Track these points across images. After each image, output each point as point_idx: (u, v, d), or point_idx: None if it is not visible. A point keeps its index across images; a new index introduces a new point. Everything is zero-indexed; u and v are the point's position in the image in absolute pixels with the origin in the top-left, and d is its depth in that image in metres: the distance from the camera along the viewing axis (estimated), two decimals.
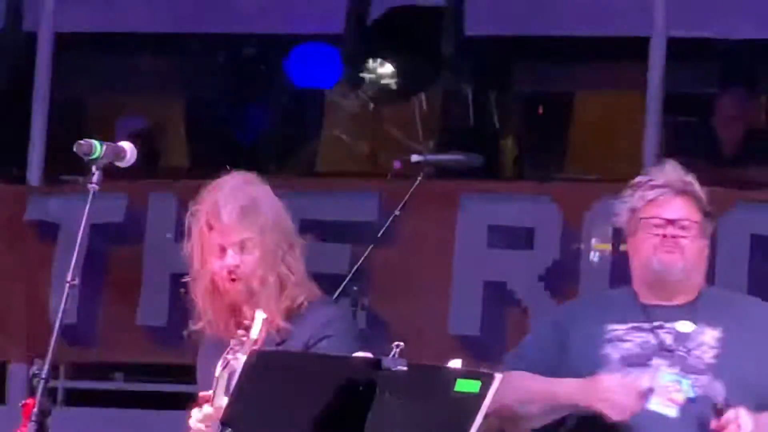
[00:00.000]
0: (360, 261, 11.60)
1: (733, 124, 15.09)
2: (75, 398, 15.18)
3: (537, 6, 17.07)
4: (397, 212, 11.65)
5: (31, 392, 7.77)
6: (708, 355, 7.90)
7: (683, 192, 8.09)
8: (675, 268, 7.90)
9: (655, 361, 7.92)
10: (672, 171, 8.18)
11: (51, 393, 7.85)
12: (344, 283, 11.31)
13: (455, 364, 7.05)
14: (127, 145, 7.82)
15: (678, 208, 8.08)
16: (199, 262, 8.09)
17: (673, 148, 14.90)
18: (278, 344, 7.77)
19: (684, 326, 7.95)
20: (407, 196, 11.56)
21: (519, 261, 15.07)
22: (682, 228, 7.97)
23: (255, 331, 7.21)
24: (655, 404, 7.87)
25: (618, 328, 7.98)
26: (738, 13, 16.91)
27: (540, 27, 16.86)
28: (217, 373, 7.27)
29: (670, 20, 16.28)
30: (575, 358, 7.97)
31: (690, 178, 8.22)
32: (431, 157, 13.46)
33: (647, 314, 8.02)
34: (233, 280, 7.95)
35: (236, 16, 17.08)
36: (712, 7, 16.89)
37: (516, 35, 16.20)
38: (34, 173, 15.47)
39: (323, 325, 7.80)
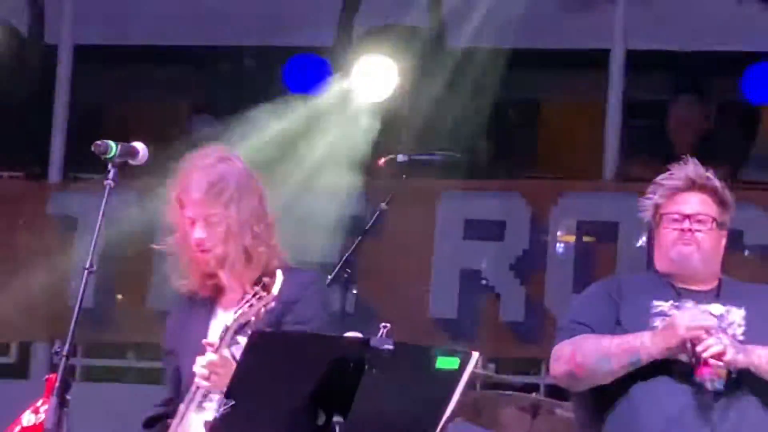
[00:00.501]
0: (350, 250, 11.72)
1: (685, 129, 14.97)
2: (92, 374, 15.34)
3: (510, 23, 16.00)
4: (383, 206, 11.91)
5: (53, 369, 7.84)
6: (738, 332, 7.93)
7: (701, 188, 8.11)
8: (692, 259, 7.93)
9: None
10: (691, 168, 8.18)
11: (70, 369, 7.93)
12: (336, 270, 11.52)
13: (452, 356, 7.42)
14: (139, 146, 7.94)
15: (695, 204, 8.08)
16: (176, 232, 8.25)
17: (631, 150, 15.03)
18: (264, 306, 7.73)
19: (716, 309, 7.95)
20: (392, 192, 12.02)
21: (491, 251, 15.17)
22: (699, 222, 7.99)
23: (276, 288, 7.51)
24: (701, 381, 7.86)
25: (662, 305, 7.98)
26: (688, 28, 16.67)
27: (512, 41, 16.10)
28: (228, 322, 7.57)
29: (628, 35, 16.25)
30: (626, 329, 7.96)
31: (708, 174, 8.24)
32: (414, 157, 13.78)
33: (682, 296, 8.02)
34: (202, 251, 8.07)
35: (236, 30, 16.71)
36: (666, 22, 16.41)
37: (491, 48, 15.60)
38: (54, 171, 15.48)
39: (297, 287, 7.86)
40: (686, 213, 7.98)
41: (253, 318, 7.59)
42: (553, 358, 8.16)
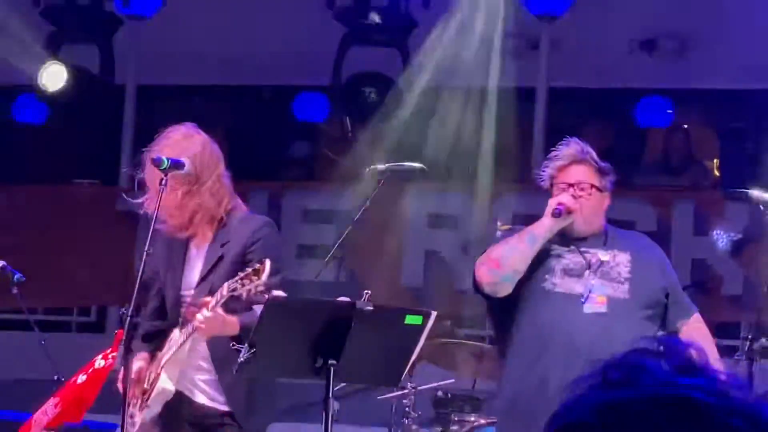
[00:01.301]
0: (342, 236, 11.50)
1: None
2: None
3: (459, 62, 15.80)
4: (367, 203, 11.54)
5: (121, 326, 8.35)
6: (624, 271, 8.02)
7: (581, 161, 8.16)
8: (578, 218, 7.96)
9: (587, 274, 8.01)
10: (572, 147, 8.24)
11: (133, 326, 8.14)
12: (331, 251, 11.56)
13: (415, 317, 7.95)
14: (185, 160, 8.13)
15: (577, 174, 8.12)
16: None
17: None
18: (222, 245, 8.26)
19: (604, 255, 8.05)
20: (374, 193, 11.63)
21: (448, 237, 14.97)
22: (581, 189, 8.00)
23: (264, 277, 7.57)
24: (592, 303, 7.96)
25: (558, 248, 8.04)
26: (593, 71, 16.68)
27: (457, 80, 15.93)
28: (224, 291, 7.69)
29: (550, 75, 16.25)
30: (533, 266, 7.97)
31: (587, 149, 8.32)
32: (390, 166, 13.75)
33: (575, 243, 8.08)
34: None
35: (258, 71, 16.76)
36: (577, 66, 16.57)
37: (446, 87, 15.45)
38: (122, 178, 14.86)
39: (254, 231, 8.19)
40: (570, 182, 8.04)
41: (244, 295, 7.72)
42: (476, 267, 8.21)
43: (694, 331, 8.10)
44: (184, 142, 8.41)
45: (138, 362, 8.23)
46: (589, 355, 7.58)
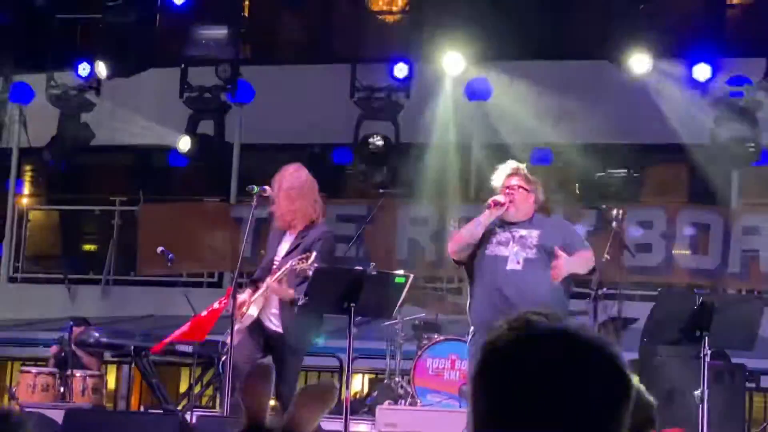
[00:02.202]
0: (360, 230, 12.61)
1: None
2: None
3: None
4: (374, 211, 13.04)
5: (231, 284, 9.69)
6: (534, 241, 8.04)
7: (514, 174, 8.21)
8: (511, 209, 8.07)
9: (512, 244, 8.06)
10: (511, 164, 8.38)
11: (240, 285, 9.23)
12: (354, 239, 12.62)
13: (398, 272, 8.80)
14: (268, 188, 8.74)
15: (512, 181, 8.16)
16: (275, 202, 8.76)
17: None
18: (302, 238, 8.76)
19: (524, 232, 8.08)
20: (378, 205, 12.98)
21: (422, 231, 15.05)
22: (514, 190, 8.06)
23: (310, 261, 8.24)
24: (514, 260, 8.05)
25: (498, 229, 8.11)
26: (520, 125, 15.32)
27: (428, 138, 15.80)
28: (286, 267, 8.50)
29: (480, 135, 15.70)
30: (482, 239, 8.09)
31: (521, 166, 8.39)
32: (388, 190, 14.78)
33: (508, 226, 8.11)
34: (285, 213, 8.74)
35: (313, 135, 16.57)
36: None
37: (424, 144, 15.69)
38: (233, 197, 15.84)
39: (319, 234, 8.71)
40: (508, 185, 8.14)
41: (297, 270, 8.42)
42: (448, 245, 8.69)
43: (577, 253, 8.05)
44: (295, 174, 8.89)
45: (242, 296, 8.71)
46: (511, 295, 7.87)
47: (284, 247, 8.74)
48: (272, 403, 9.28)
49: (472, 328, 8.32)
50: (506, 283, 7.97)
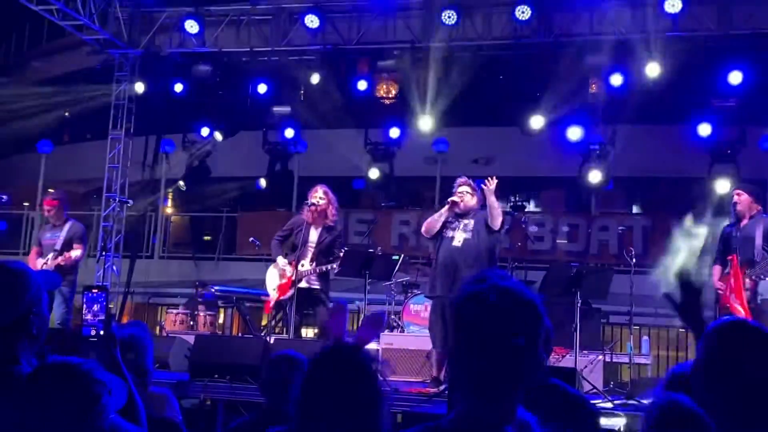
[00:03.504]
0: (369, 229, 12.13)
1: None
2: None
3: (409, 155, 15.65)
4: (378, 217, 12.91)
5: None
6: (471, 227, 7.44)
7: (464, 184, 7.65)
8: (460, 206, 7.52)
9: (458, 229, 7.48)
10: (462, 179, 7.77)
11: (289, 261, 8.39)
12: (366, 234, 12.23)
13: (396, 257, 8.90)
14: (308, 205, 8.20)
15: (460, 188, 7.64)
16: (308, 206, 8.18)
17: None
18: (326, 232, 8.23)
19: (467, 221, 7.49)
20: (381, 209, 12.74)
21: (407, 228, 14.26)
22: (463, 195, 7.57)
23: (336, 263, 7.83)
24: (457, 240, 7.54)
25: (453, 218, 7.54)
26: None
27: (398, 172, 15.18)
28: (326, 266, 8.00)
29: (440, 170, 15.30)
30: (442, 226, 7.56)
31: (467, 180, 7.79)
32: (390, 204, 14.39)
33: (459, 217, 7.52)
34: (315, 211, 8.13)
35: (339, 170, 15.61)
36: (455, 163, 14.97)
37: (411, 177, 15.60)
38: (293, 208, 14.97)
39: (337, 233, 8.28)
40: (459, 191, 7.60)
41: (329, 267, 7.92)
42: (422, 227, 7.86)
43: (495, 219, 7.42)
44: (328, 193, 8.24)
45: (281, 259, 8.27)
46: (458, 264, 7.41)
47: (314, 235, 8.15)
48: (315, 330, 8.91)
49: (416, 290, 8.20)
50: (451, 255, 7.54)
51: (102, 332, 2.49)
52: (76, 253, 8.58)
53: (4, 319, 2.30)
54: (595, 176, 13.45)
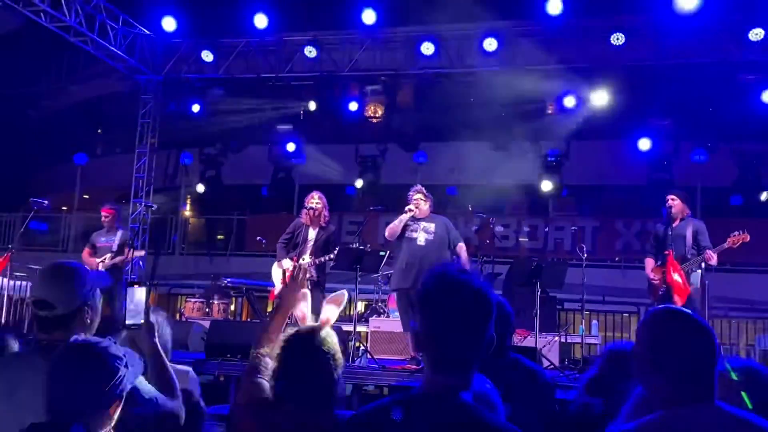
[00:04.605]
0: (360, 229, 10.64)
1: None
2: None
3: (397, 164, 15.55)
4: (367, 219, 11.47)
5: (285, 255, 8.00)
6: (432, 229, 7.34)
7: (418, 192, 7.54)
8: (417, 212, 7.45)
9: (419, 231, 7.42)
10: (416, 188, 7.64)
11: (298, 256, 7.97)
12: (356, 234, 10.64)
13: (383, 253, 7.83)
14: (307, 210, 7.93)
15: (417, 197, 7.54)
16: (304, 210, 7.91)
17: None
18: (321, 230, 7.96)
19: (427, 224, 7.43)
20: (369, 216, 12.34)
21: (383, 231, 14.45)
22: (418, 201, 7.51)
23: (333, 254, 7.54)
24: (420, 240, 7.44)
25: (412, 221, 7.48)
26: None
27: (385, 180, 15.10)
28: (322, 258, 7.68)
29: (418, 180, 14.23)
30: (404, 228, 7.51)
31: (420, 188, 7.63)
32: (378, 208, 14.57)
33: (418, 220, 7.46)
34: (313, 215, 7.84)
35: (333, 177, 15.08)
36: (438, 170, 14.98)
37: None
38: (295, 211, 13.80)
39: (329, 233, 7.99)
40: (414, 199, 7.51)
41: (326, 258, 7.65)
42: (385, 231, 7.79)
43: (461, 249, 7.38)
44: (322, 198, 8.01)
45: (286, 261, 7.92)
46: (421, 260, 7.28)
47: (312, 234, 7.95)
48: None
49: (392, 271, 7.80)
50: (415, 253, 7.43)
51: (143, 321, 2.55)
52: (139, 253, 8.93)
53: (64, 309, 2.39)
54: (551, 184, 13.46)
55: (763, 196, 13.82)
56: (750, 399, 1.98)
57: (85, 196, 17.52)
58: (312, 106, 12.64)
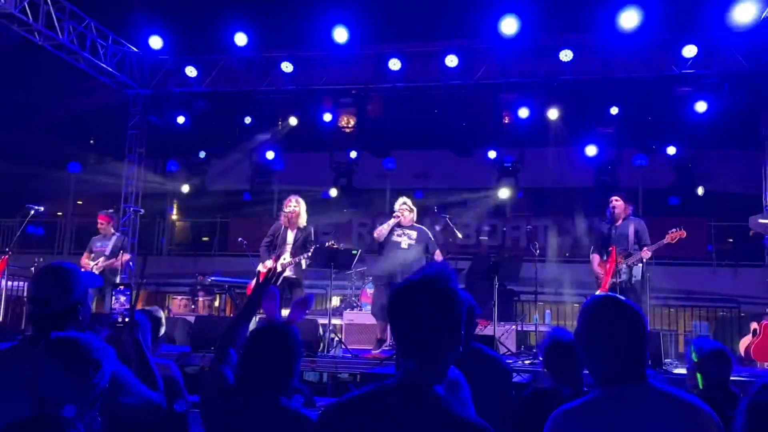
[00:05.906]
0: (335, 230, 11.92)
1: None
2: None
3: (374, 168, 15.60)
4: (341, 220, 12.46)
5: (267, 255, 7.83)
6: (414, 235, 7.32)
7: (404, 203, 7.52)
8: (401, 220, 7.44)
9: (403, 236, 7.43)
10: (402, 198, 7.64)
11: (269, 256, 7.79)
12: (331, 234, 11.71)
13: (355, 251, 7.92)
14: (285, 212, 7.75)
15: (402, 206, 7.52)
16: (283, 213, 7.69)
17: None
18: (299, 232, 7.73)
19: (410, 231, 7.42)
20: (344, 217, 12.62)
21: (364, 229, 13.91)
22: (403, 212, 7.46)
23: (309, 253, 7.40)
24: (404, 244, 7.43)
25: (397, 227, 7.48)
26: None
27: (357, 184, 15.28)
28: (300, 256, 7.51)
29: (390, 183, 15.05)
30: (389, 233, 7.47)
31: (407, 200, 7.66)
32: (348, 210, 13.72)
33: (402, 226, 7.43)
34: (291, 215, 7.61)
35: (313, 185, 14.71)
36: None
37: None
38: (274, 215, 13.56)
39: (308, 233, 7.78)
40: (400, 208, 7.52)
41: (303, 257, 7.44)
42: (374, 233, 7.72)
43: (437, 255, 7.34)
44: (300, 202, 7.81)
45: (269, 261, 7.65)
46: (404, 263, 7.25)
47: (290, 236, 7.78)
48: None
49: (371, 277, 7.90)
50: (398, 254, 7.45)
51: (127, 319, 2.55)
52: (126, 257, 8.71)
53: (59, 306, 2.36)
54: (508, 188, 13.52)
55: (699, 191, 13.84)
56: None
57: (78, 202, 17.40)
58: (293, 121, 12.59)
